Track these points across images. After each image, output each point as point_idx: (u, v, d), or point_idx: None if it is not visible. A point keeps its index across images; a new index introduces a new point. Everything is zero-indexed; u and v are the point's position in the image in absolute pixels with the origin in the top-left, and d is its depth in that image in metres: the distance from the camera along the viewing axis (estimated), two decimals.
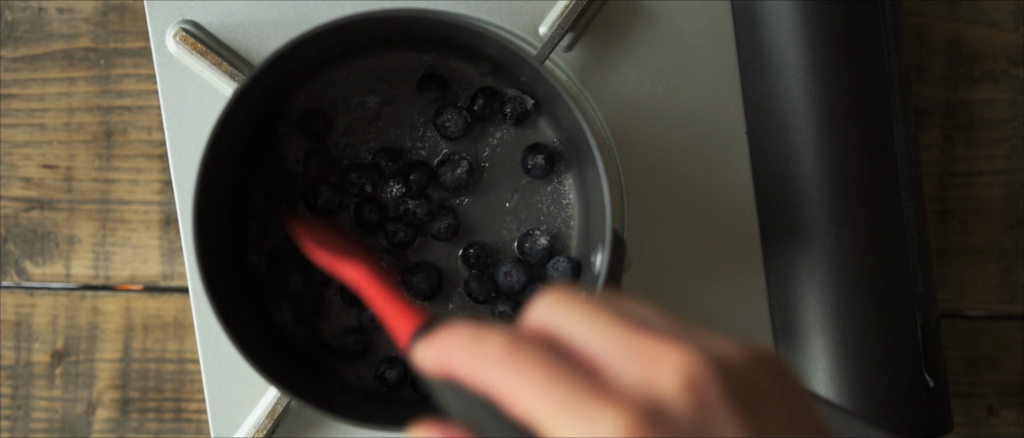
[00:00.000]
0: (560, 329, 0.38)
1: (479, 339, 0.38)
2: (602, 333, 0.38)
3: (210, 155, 0.55)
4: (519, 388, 0.37)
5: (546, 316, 0.39)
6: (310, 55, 0.58)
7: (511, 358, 0.37)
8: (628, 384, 0.36)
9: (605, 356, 0.37)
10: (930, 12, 0.70)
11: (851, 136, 0.63)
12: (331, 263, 0.52)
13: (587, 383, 0.36)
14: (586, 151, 0.56)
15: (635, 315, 0.38)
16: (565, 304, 0.39)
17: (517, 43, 0.58)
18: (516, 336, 0.38)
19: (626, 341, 0.37)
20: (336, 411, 0.56)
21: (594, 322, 0.38)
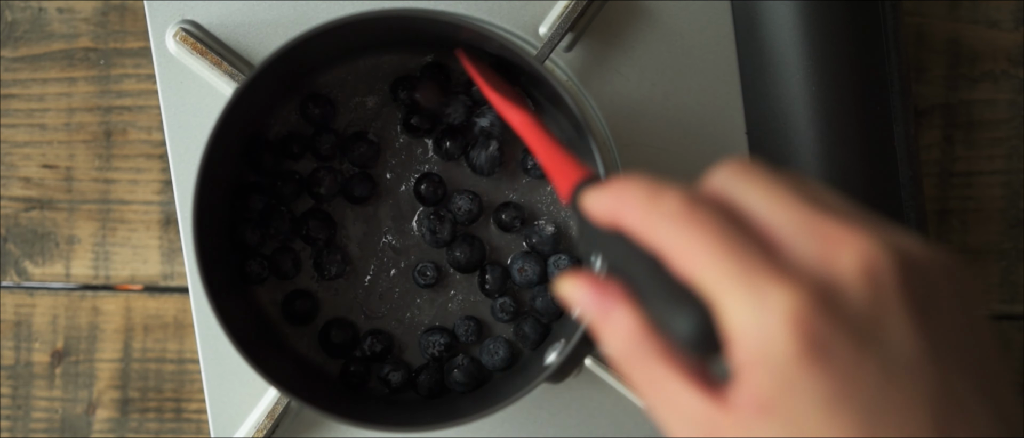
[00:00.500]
0: (740, 198, 0.37)
1: (657, 194, 0.37)
2: (783, 207, 0.36)
3: (210, 155, 0.55)
4: (692, 249, 0.36)
5: (727, 183, 0.38)
6: (310, 55, 0.58)
7: (687, 218, 0.36)
8: (804, 263, 0.35)
9: (784, 231, 0.36)
10: (930, 12, 0.70)
11: (851, 136, 0.63)
12: (501, 104, 0.51)
13: (762, 255, 0.35)
14: (586, 151, 0.56)
15: (819, 196, 0.37)
16: (748, 174, 0.38)
17: (517, 43, 0.58)
18: (695, 197, 0.37)
19: (807, 219, 0.36)
20: (336, 411, 0.56)
21: (776, 195, 0.37)
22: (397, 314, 0.62)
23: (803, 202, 0.36)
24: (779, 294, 0.35)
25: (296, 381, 0.58)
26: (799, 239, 0.36)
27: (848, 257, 0.35)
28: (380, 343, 0.61)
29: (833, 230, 0.36)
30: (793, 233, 0.36)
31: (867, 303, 0.35)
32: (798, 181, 0.38)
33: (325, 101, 0.61)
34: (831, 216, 0.36)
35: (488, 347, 0.61)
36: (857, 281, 0.35)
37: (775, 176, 0.37)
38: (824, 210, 0.36)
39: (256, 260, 0.61)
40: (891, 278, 0.35)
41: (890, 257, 0.35)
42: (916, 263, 0.36)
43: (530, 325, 0.61)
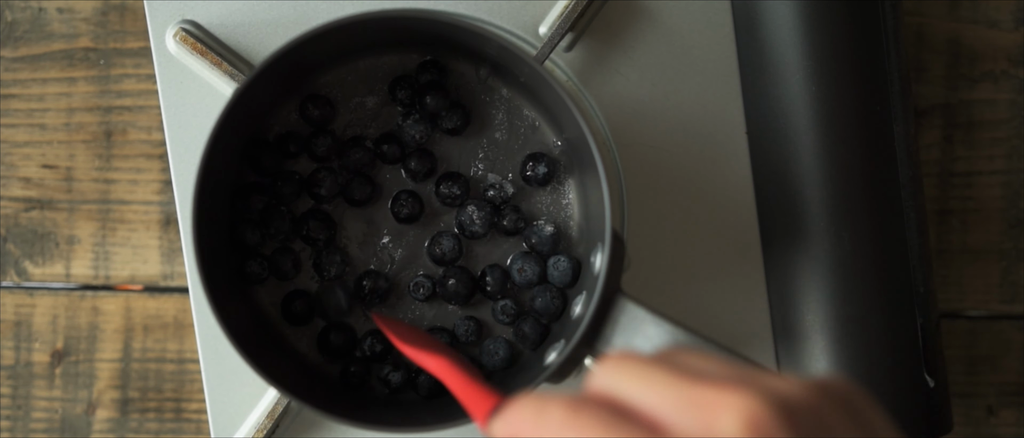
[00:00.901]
0: (619, 391, 0.39)
1: (541, 411, 0.39)
2: (659, 389, 0.38)
3: (210, 155, 0.55)
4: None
5: (605, 381, 0.40)
6: (310, 55, 0.58)
7: (572, 422, 0.38)
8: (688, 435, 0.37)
9: (664, 411, 0.38)
10: (930, 12, 0.70)
11: (851, 136, 0.63)
12: (416, 355, 0.54)
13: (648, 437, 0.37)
14: (586, 151, 0.56)
15: (692, 367, 0.39)
16: (622, 367, 0.39)
17: (517, 43, 0.58)
18: (576, 401, 0.39)
19: (683, 394, 0.37)
20: (336, 411, 0.56)
21: (651, 379, 0.38)
22: (397, 315, 0.62)
23: (677, 379, 0.38)
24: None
25: (296, 381, 0.58)
26: (681, 414, 0.37)
27: (728, 418, 0.36)
28: (380, 343, 0.61)
29: (709, 397, 0.37)
30: (673, 411, 0.37)
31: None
32: (672, 359, 0.40)
33: (325, 102, 0.61)
34: (705, 385, 0.37)
35: (488, 347, 0.61)
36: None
37: (649, 361, 0.39)
38: (697, 381, 0.38)
39: (256, 260, 0.61)
40: (773, 424, 0.36)
41: (767, 406, 0.36)
42: (795, 403, 0.37)
43: (530, 325, 0.61)
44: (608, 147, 0.63)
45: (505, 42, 0.55)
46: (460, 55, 0.61)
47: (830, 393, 0.38)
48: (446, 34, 0.58)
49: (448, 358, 0.53)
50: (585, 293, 0.58)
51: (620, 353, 0.40)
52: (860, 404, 0.39)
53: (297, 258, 0.61)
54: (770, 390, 0.37)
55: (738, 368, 0.39)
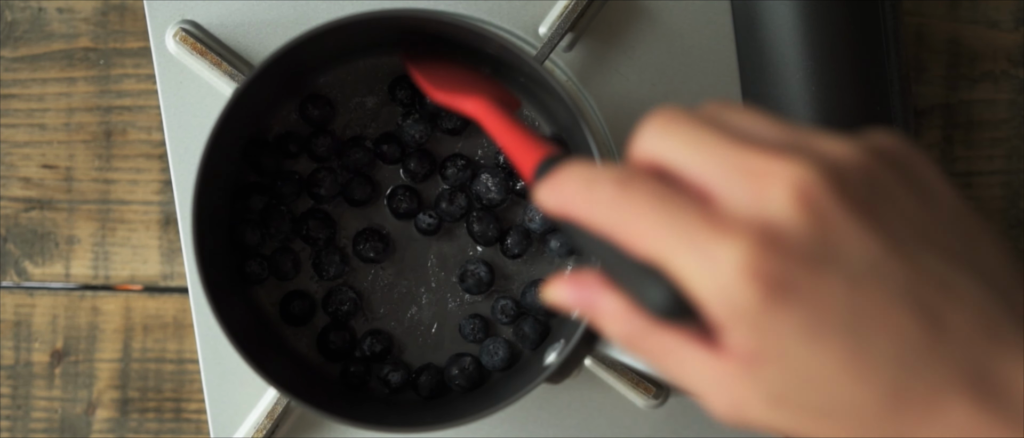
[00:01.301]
0: (668, 157, 0.37)
1: (591, 181, 0.37)
2: (708, 155, 0.36)
3: (210, 155, 0.55)
4: (635, 228, 0.36)
5: (653, 145, 0.37)
6: (310, 55, 0.58)
7: (622, 198, 0.36)
8: (739, 208, 0.35)
9: (714, 180, 0.36)
10: (930, 12, 0.70)
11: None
12: (451, 100, 0.50)
13: (700, 214, 0.35)
14: (586, 151, 0.56)
15: (741, 129, 0.37)
16: (669, 128, 0.37)
17: (517, 43, 0.58)
18: (626, 174, 0.37)
19: (732, 160, 0.36)
20: (336, 412, 0.56)
21: (699, 144, 0.36)
22: (397, 314, 0.62)
23: (726, 142, 0.36)
24: (725, 249, 0.34)
25: (296, 381, 0.58)
26: (730, 184, 0.35)
27: (778, 190, 0.35)
28: (380, 343, 0.61)
29: (758, 165, 0.35)
30: (723, 179, 0.36)
31: (810, 228, 0.34)
32: (720, 117, 0.38)
33: (324, 102, 0.61)
34: (755, 151, 0.35)
35: (488, 347, 0.61)
36: (793, 211, 0.34)
37: (694, 121, 0.37)
38: (747, 146, 0.36)
39: (256, 260, 0.61)
40: (825, 194, 0.35)
41: (818, 175, 0.35)
42: (847, 167, 0.35)
43: (530, 325, 0.61)
44: (608, 147, 0.63)
45: (505, 42, 0.55)
46: (460, 55, 0.61)
47: (885, 155, 0.36)
48: (446, 34, 0.58)
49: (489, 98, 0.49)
50: None
51: (663, 112, 0.38)
52: (916, 165, 0.37)
53: (297, 258, 0.61)
54: (822, 156, 0.35)
55: (788, 129, 0.37)
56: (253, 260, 0.60)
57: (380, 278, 0.62)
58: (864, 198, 0.35)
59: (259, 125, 0.61)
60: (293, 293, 0.61)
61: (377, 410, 0.60)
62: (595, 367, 0.62)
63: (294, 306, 0.61)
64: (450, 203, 0.61)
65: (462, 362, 0.61)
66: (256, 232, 0.60)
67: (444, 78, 0.53)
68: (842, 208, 0.35)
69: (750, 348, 0.35)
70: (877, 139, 0.37)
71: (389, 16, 0.57)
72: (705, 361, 0.36)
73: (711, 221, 0.35)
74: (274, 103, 0.61)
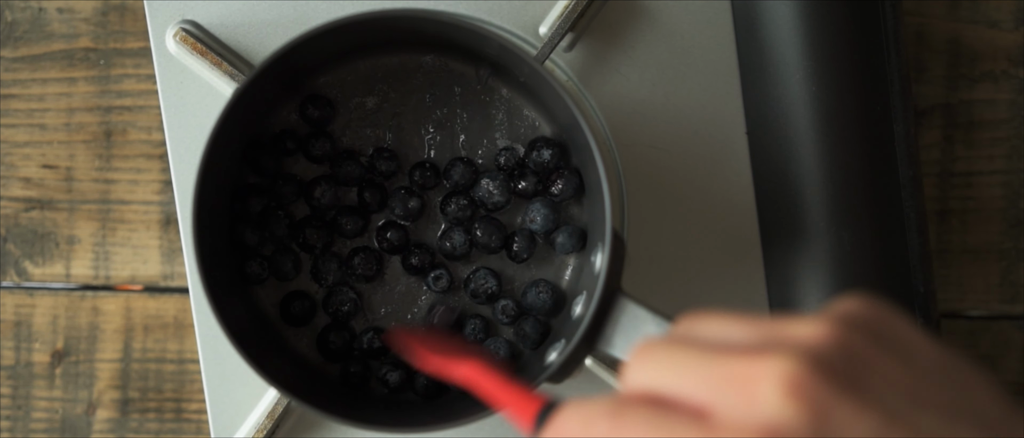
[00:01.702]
0: (656, 384, 0.39)
1: (587, 418, 0.39)
2: (692, 374, 0.38)
3: (210, 155, 0.55)
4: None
5: (640, 378, 0.39)
6: (310, 55, 0.58)
7: (619, 425, 0.38)
8: (735, 416, 0.36)
9: (705, 395, 0.37)
10: (930, 12, 0.70)
11: (851, 136, 0.63)
12: (444, 366, 0.52)
13: (698, 428, 0.36)
14: (586, 151, 0.56)
15: (715, 339, 0.38)
16: (651, 358, 0.39)
17: (517, 43, 0.58)
18: (619, 404, 0.39)
19: (716, 373, 0.37)
20: (336, 412, 0.56)
21: (681, 364, 0.38)
22: (397, 314, 0.62)
23: (705, 358, 0.37)
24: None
25: (296, 381, 0.58)
26: (720, 396, 0.36)
27: (767, 390, 0.36)
28: (379, 340, 0.61)
29: (742, 371, 0.36)
30: (712, 393, 0.37)
31: (807, 418, 0.35)
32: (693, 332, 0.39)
33: (325, 102, 0.61)
34: (734, 358, 0.37)
35: (488, 347, 0.61)
36: (787, 406, 0.35)
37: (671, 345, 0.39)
38: (726, 355, 0.37)
39: (256, 261, 0.61)
40: (812, 381, 0.35)
41: (801, 364, 0.36)
42: (826, 349, 0.36)
43: (531, 325, 0.61)
44: (608, 147, 0.63)
45: (505, 42, 0.55)
46: (460, 55, 0.61)
47: (856, 324, 0.37)
48: (446, 34, 0.58)
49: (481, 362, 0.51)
50: (585, 293, 0.58)
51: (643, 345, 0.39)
52: (888, 325, 0.38)
53: (297, 258, 0.61)
54: (799, 346, 0.36)
55: (756, 325, 0.38)
56: (253, 260, 0.60)
57: (382, 278, 0.62)
58: (850, 375, 0.36)
59: (259, 125, 0.61)
60: (293, 293, 0.61)
61: (377, 410, 0.60)
62: (595, 367, 0.62)
63: (294, 306, 0.61)
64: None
65: None
66: (256, 233, 0.60)
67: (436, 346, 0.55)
68: (832, 391, 0.35)
69: None
70: (843, 308, 0.38)
71: (389, 16, 0.57)
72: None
73: (711, 435, 0.36)
74: (274, 103, 0.61)
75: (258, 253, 0.61)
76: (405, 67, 0.61)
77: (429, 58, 0.61)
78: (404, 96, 0.62)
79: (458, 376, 0.51)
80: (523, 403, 0.46)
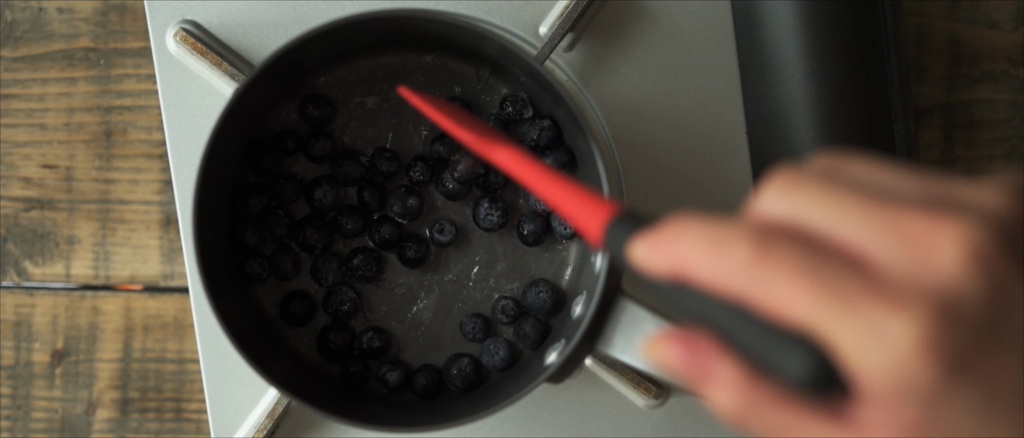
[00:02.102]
0: (803, 219, 0.34)
1: (721, 243, 0.34)
2: (854, 216, 0.33)
3: (210, 155, 0.55)
4: (783, 294, 0.33)
5: (781, 206, 0.34)
6: (310, 55, 0.58)
7: (764, 261, 0.33)
8: (907, 275, 0.32)
9: (867, 243, 0.33)
10: (930, 12, 0.70)
11: (851, 136, 0.63)
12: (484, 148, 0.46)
13: (862, 280, 0.32)
14: (586, 151, 0.56)
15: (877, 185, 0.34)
16: (798, 188, 0.34)
17: (517, 43, 0.58)
18: (763, 235, 0.34)
19: (883, 222, 0.33)
20: (336, 411, 0.56)
21: (838, 204, 0.33)
22: (398, 314, 0.62)
23: (869, 202, 0.33)
24: (899, 324, 0.32)
25: (296, 381, 0.58)
26: (888, 248, 0.32)
27: (948, 253, 0.32)
28: (379, 340, 0.61)
29: (917, 226, 0.32)
30: (877, 242, 0.33)
31: (989, 296, 0.32)
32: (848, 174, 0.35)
33: (325, 102, 0.61)
34: (906, 210, 0.33)
35: (488, 347, 0.61)
36: (969, 276, 0.32)
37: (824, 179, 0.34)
38: (896, 205, 0.33)
39: (256, 260, 0.61)
40: (998, 254, 0.32)
41: (988, 232, 0.32)
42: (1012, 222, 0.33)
43: (531, 324, 0.61)
44: (608, 147, 0.63)
45: (505, 42, 0.55)
46: (461, 55, 0.61)
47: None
48: (446, 34, 0.58)
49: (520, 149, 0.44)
50: (585, 293, 0.58)
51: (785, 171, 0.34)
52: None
53: (297, 258, 0.61)
54: (987, 214, 0.32)
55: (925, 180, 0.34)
56: (253, 260, 0.60)
57: (381, 278, 0.62)
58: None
59: (259, 125, 0.61)
60: (293, 293, 0.61)
61: (377, 410, 0.60)
62: (595, 367, 0.62)
63: (294, 306, 0.61)
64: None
65: (460, 363, 0.61)
66: (256, 232, 0.60)
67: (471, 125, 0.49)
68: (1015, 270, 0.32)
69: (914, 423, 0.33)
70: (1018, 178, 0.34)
71: (389, 16, 0.57)
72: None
73: (876, 290, 0.32)
74: (274, 103, 0.61)
75: (258, 253, 0.61)
76: (405, 67, 0.61)
77: (429, 58, 0.61)
78: None
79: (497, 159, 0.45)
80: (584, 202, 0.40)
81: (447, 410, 0.59)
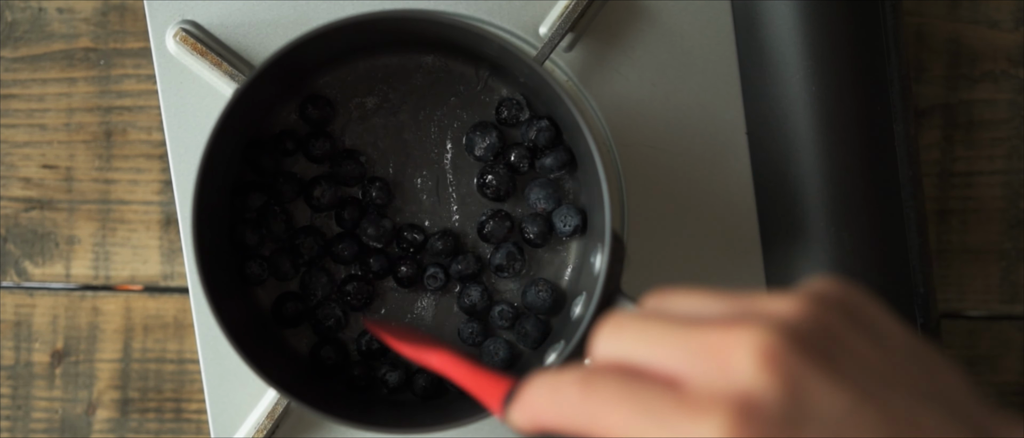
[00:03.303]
0: (626, 355, 0.38)
1: (555, 387, 0.39)
2: (664, 343, 0.37)
3: (210, 155, 0.55)
4: (605, 419, 0.37)
5: (610, 348, 0.39)
6: (310, 55, 0.58)
7: (588, 393, 0.38)
8: (709, 385, 0.36)
9: (678, 365, 0.37)
10: (930, 12, 0.70)
11: (851, 136, 0.63)
12: (416, 354, 0.53)
13: (673, 397, 0.36)
14: (586, 151, 0.56)
15: (686, 312, 0.38)
16: (621, 328, 0.39)
17: (517, 44, 0.58)
18: (588, 374, 0.38)
19: (689, 342, 0.37)
20: (335, 412, 0.56)
21: (653, 335, 0.38)
22: (397, 315, 0.62)
23: (678, 329, 0.37)
24: (704, 427, 0.35)
25: (296, 382, 0.58)
26: (694, 365, 0.36)
27: (741, 358, 0.35)
28: (376, 340, 0.61)
29: (716, 340, 0.36)
30: (686, 362, 0.37)
31: (782, 390, 0.35)
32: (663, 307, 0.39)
33: (325, 103, 0.61)
34: (709, 328, 0.37)
35: (488, 348, 0.61)
36: (761, 375, 0.35)
37: (642, 317, 0.38)
38: (699, 325, 0.37)
39: (256, 261, 0.61)
40: (787, 353, 0.35)
41: (777, 335, 0.36)
42: (802, 324, 0.36)
43: (532, 323, 0.61)
44: (608, 147, 0.63)
45: (505, 42, 0.55)
46: (460, 56, 0.61)
47: (831, 303, 0.37)
48: (446, 35, 0.58)
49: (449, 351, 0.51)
50: (585, 293, 0.58)
51: (611, 318, 0.39)
52: (861, 307, 0.38)
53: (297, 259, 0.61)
54: (774, 318, 0.36)
55: (729, 300, 0.38)
56: (253, 261, 0.60)
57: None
58: (823, 351, 0.36)
59: (259, 125, 0.61)
60: (286, 294, 0.61)
61: (377, 410, 0.60)
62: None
63: (287, 307, 0.61)
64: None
65: None
66: (256, 233, 0.60)
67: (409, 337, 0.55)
68: (806, 365, 0.35)
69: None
70: (818, 287, 0.38)
71: (389, 16, 0.57)
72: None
73: (683, 402, 0.36)
74: (274, 103, 0.61)
75: (258, 253, 0.61)
76: (405, 67, 0.61)
77: (429, 58, 0.61)
78: (404, 96, 0.62)
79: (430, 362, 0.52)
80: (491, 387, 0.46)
81: (447, 410, 0.59)
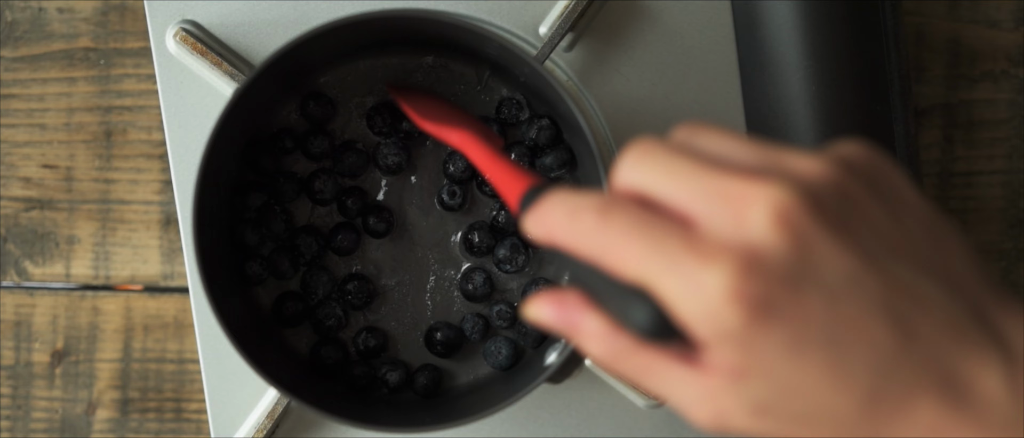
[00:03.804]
0: (647, 186, 0.38)
1: (574, 209, 0.39)
2: (687, 182, 0.37)
3: (210, 155, 0.55)
4: (618, 252, 0.37)
5: (632, 176, 0.39)
6: (310, 55, 0.58)
7: (605, 224, 0.38)
8: (721, 232, 0.36)
9: (694, 206, 0.37)
10: (930, 12, 0.70)
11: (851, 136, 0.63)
12: (438, 130, 0.51)
13: (683, 238, 0.37)
14: (586, 150, 0.56)
15: (714, 153, 0.38)
16: (646, 158, 0.38)
17: (517, 43, 0.58)
18: (607, 201, 0.38)
19: (710, 186, 0.37)
20: (336, 412, 0.56)
21: (677, 172, 0.38)
22: (397, 314, 0.62)
23: (702, 169, 0.37)
24: (709, 274, 0.36)
25: (296, 381, 0.58)
26: (710, 209, 0.37)
27: (757, 212, 0.36)
28: (374, 339, 0.61)
29: (736, 189, 0.37)
30: (703, 204, 0.37)
31: (790, 249, 0.36)
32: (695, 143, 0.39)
33: (326, 100, 0.61)
34: (731, 175, 0.37)
35: (490, 348, 0.61)
36: (773, 232, 0.36)
37: (669, 150, 0.38)
38: (723, 171, 0.37)
39: (256, 261, 0.61)
40: (802, 215, 0.36)
41: (795, 196, 0.36)
42: (821, 185, 0.37)
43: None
44: (608, 147, 0.63)
45: (505, 42, 0.55)
46: (460, 55, 0.61)
47: (854, 167, 0.38)
48: (446, 34, 0.58)
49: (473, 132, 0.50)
50: None
51: (640, 142, 0.39)
52: (884, 173, 0.39)
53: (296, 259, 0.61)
54: (796, 177, 0.37)
55: (758, 149, 0.38)
56: (253, 260, 0.60)
57: (382, 278, 0.62)
58: (838, 215, 0.37)
59: (259, 125, 0.61)
60: (286, 294, 0.61)
61: (378, 410, 0.60)
62: (595, 367, 0.62)
63: (287, 307, 0.61)
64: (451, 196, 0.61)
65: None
66: (256, 233, 0.61)
67: (432, 110, 0.54)
68: (818, 228, 0.36)
69: (735, 364, 0.37)
70: (845, 151, 0.39)
71: (389, 16, 0.57)
72: (688, 377, 0.38)
73: (695, 246, 0.36)
74: (274, 103, 0.61)
75: (258, 253, 0.61)
76: (405, 67, 0.61)
77: (429, 58, 0.61)
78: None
79: (451, 140, 0.51)
80: (511, 179, 0.46)
81: (447, 410, 0.59)
